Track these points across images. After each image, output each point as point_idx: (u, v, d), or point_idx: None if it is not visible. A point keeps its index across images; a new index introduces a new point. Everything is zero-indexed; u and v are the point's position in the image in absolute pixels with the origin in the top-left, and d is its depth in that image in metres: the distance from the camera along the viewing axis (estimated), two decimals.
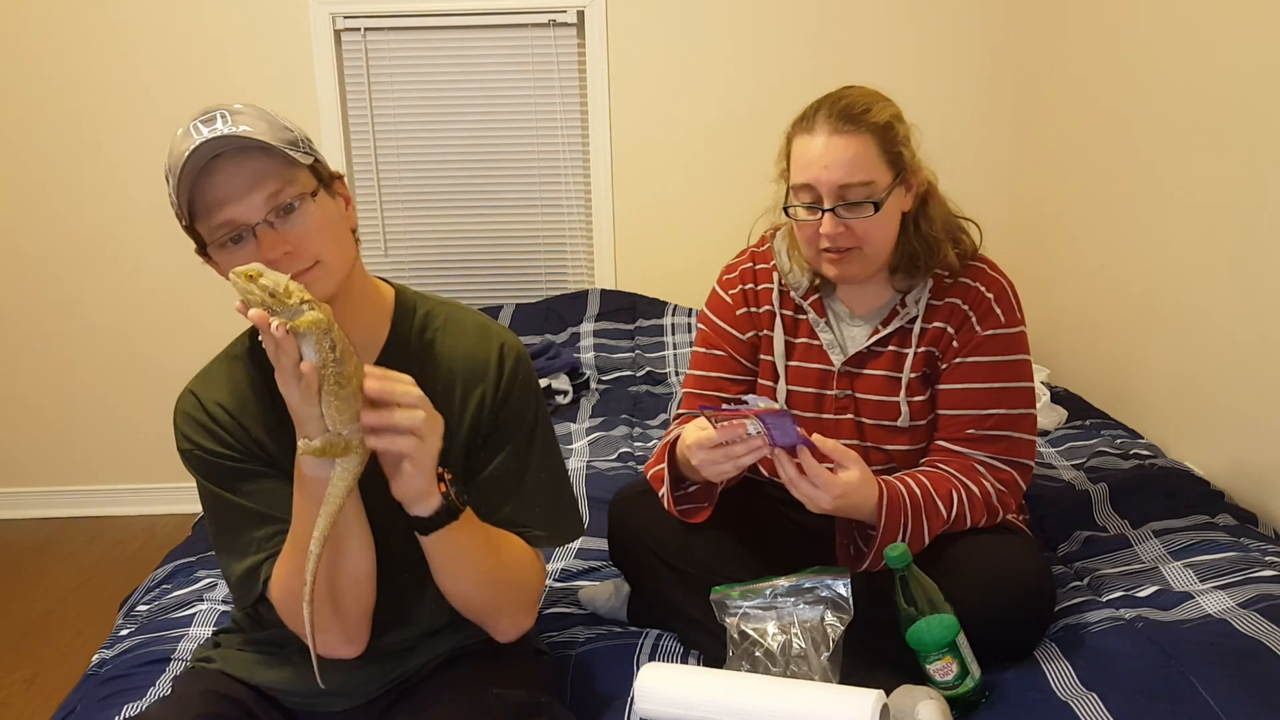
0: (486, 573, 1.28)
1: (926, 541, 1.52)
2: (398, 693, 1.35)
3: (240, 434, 1.29)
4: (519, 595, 1.35)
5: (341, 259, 1.23)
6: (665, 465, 1.58)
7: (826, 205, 1.53)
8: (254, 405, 1.30)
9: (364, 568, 1.24)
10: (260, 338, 1.09)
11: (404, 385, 1.14)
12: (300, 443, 1.13)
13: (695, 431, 1.47)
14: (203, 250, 1.24)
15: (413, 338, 1.33)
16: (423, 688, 1.33)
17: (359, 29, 3.25)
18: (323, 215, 1.21)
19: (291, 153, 1.17)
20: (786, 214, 1.61)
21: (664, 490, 1.59)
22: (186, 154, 1.14)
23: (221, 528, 1.30)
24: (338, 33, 3.25)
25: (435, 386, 1.30)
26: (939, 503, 1.52)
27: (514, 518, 1.33)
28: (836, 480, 1.43)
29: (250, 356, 1.33)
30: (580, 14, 3.24)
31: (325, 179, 1.24)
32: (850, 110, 1.53)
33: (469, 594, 1.29)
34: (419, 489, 1.17)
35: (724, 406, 1.42)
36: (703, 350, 1.75)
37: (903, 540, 1.48)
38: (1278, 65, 1.96)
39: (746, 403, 1.40)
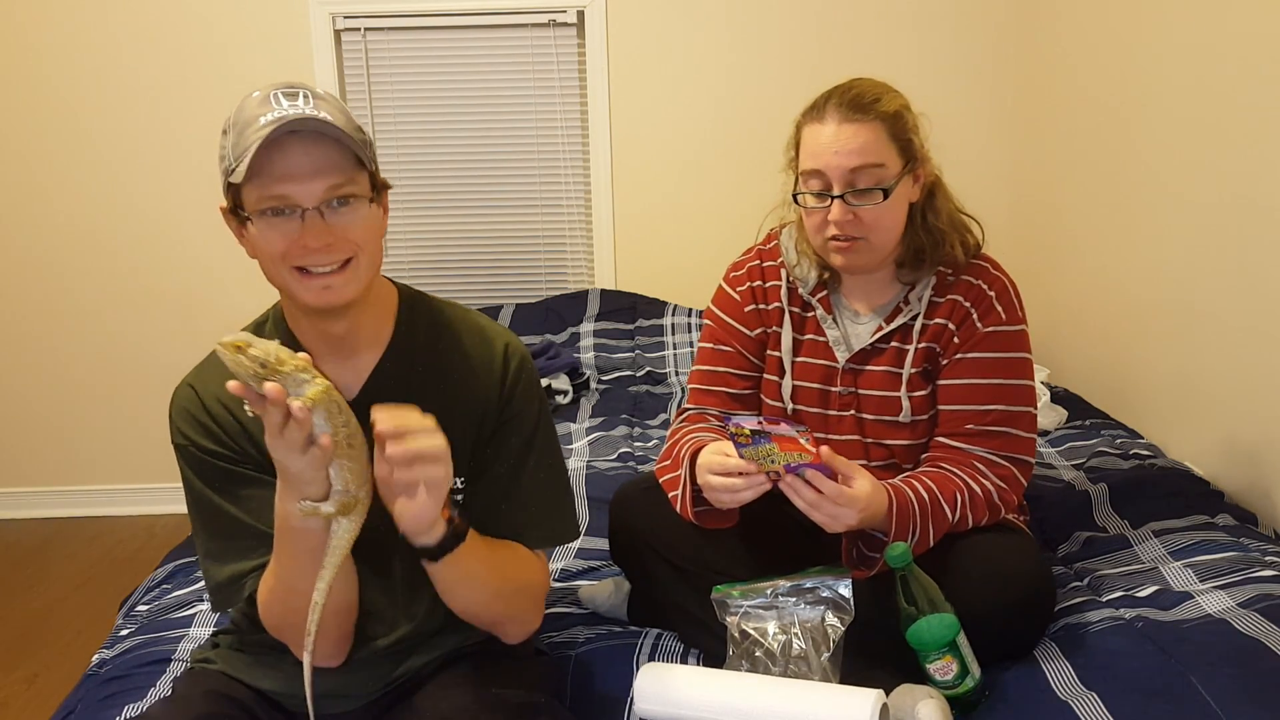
0: (494, 588, 1.28)
1: (932, 544, 1.52)
2: (397, 693, 1.35)
3: (237, 432, 1.28)
4: (525, 603, 1.35)
5: (373, 263, 1.24)
6: (684, 474, 1.57)
7: (836, 192, 1.54)
8: None
9: (350, 597, 1.26)
10: (254, 411, 1.06)
11: (415, 415, 1.12)
12: (302, 505, 1.11)
13: (712, 456, 1.47)
14: (234, 211, 1.22)
15: (418, 335, 1.33)
16: (422, 688, 1.32)
17: (359, 29, 3.25)
18: (369, 219, 1.22)
19: (361, 155, 1.19)
20: (795, 201, 1.61)
21: (677, 494, 1.59)
22: (266, 122, 1.14)
23: (206, 529, 1.30)
24: (338, 33, 3.25)
25: (441, 385, 1.30)
26: (944, 505, 1.52)
27: (510, 518, 1.32)
28: (857, 495, 1.42)
29: None
30: (580, 14, 3.24)
31: (377, 188, 1.24)
32: (860, 99, 1.54)
33: (477, 611, 1.30)
34: (431, 518, 1.15)
35: (734, 420, 1.41)
36: (710, 346, 1.75)
37: (910, 544, 1.48)
38: (1277, 65, 1.96)
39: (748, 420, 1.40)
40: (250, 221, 1.19)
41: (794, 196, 1.61)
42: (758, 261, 1.74)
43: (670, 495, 1.60)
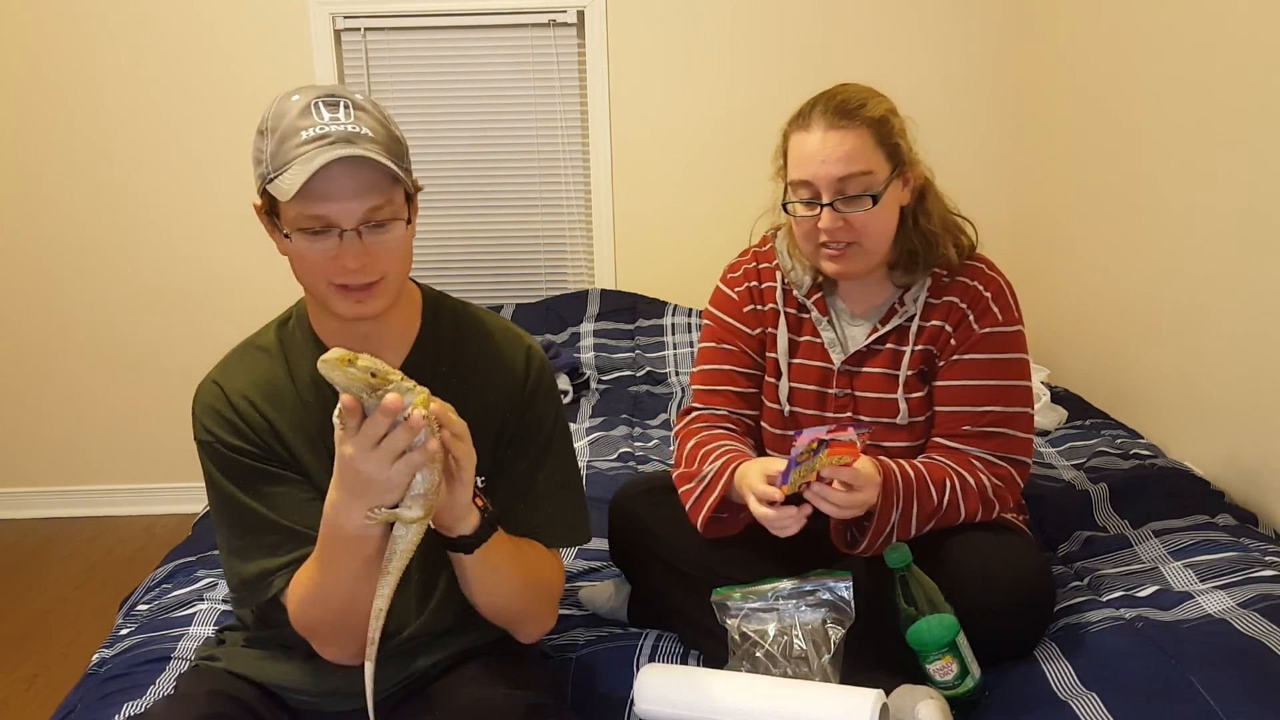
0: (519, 581, 1.29)
1: (914, 525, 1.52)
2: (406, 693, 1.35)
3: (264, 429, 1.28)
4: (545, 599, 1.37)
5: (402, 276, 1.26)
6: (714, 494, 1.55)
7: (825, 200, 1.54)
8: (284, 402, 1.29)
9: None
10: (348, 422, 1.05)
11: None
12: (376, 513, 1.10)
13: (761, 486, 1.46)
14: (269, 213, 1.22)
15: (443, 336, 1.34)
16: (431, 688, 1.33)
17: (359, 29, 3.25)
18: (404, 239, 1.23)
19: (399, 171, 1.19)
20: (785, 210, 1.61)
21: (696, 503, 1.58)
22: (308, 139, 1.15)
23: (230, 526, 1.30)
24: (338, 33, 3.25)
25: (464, 385, 1.30)
26: (931, 487, 1.53)
27: (526, 518, 1.33)
28: (869, 473, 1.45)
29: (280, 351, 1.32)
30: (580, 14, 3.24)
31: (410, 195, 1.25)
32: (846, 106, 1.54)
33: (502, 605, 1.31)
34: (465, 503, 1.17)
35: (806, 433, 1.40)
36: (712, 345, 1.75)
37: (894, 519, 1.49)
38: (1277, 66, 1.96)
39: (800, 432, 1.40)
40: (289, 238, 1.20)
41: (783, 206, 1.61)
42: (753, 263, 1.75)
43: (690, 502, 1.59)
